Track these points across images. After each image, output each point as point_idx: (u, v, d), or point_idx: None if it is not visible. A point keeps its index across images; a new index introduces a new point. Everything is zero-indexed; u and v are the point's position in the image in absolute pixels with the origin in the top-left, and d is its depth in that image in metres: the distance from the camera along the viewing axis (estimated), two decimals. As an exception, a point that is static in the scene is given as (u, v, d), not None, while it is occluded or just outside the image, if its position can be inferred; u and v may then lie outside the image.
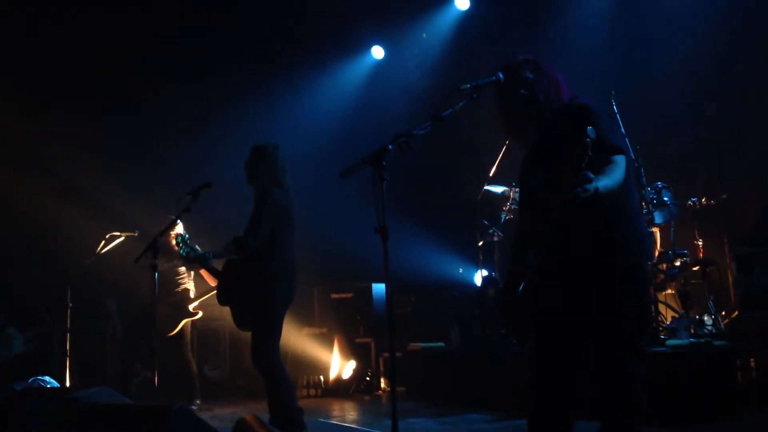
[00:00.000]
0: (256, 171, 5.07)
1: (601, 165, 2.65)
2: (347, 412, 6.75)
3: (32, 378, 5.29)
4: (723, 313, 6.31)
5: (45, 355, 7.75)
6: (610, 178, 2.65)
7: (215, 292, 6.82)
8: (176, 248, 6.71)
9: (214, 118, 9.59)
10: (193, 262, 5.11)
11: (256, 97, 9.59)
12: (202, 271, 6.82)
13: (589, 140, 2.49)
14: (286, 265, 4.95)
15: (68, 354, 7.37)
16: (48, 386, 5.21)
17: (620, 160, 2.74)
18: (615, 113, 6.03)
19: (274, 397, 4.80)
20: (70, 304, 7.35)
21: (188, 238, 4.91)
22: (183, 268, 7.15)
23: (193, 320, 7.15)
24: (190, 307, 7.02)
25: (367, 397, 7.70)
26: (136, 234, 7.42)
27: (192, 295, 7.13)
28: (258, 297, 4.85)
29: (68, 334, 7.41)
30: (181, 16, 8.97)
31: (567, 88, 3.03)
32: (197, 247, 5.03)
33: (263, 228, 4.82)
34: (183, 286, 7.14)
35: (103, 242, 7.40)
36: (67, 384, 7.16)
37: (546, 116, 2.97)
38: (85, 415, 3.76)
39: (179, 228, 6.75)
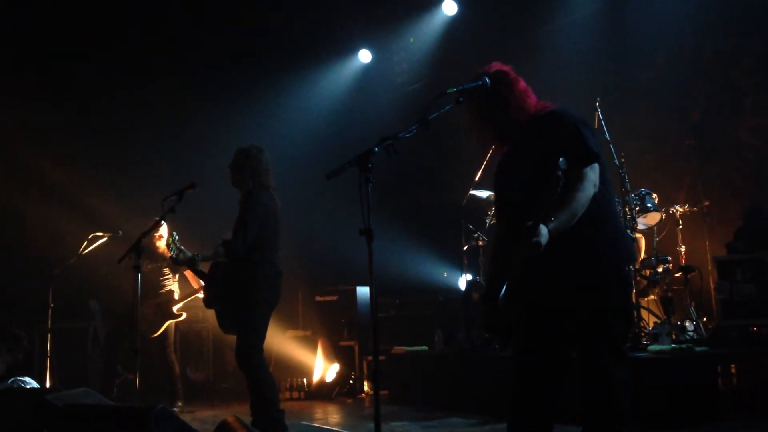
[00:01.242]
0: (241, 173, 5.06)
1: (570, 181, 2.68)
2: (330, 415, 6.74)
3: (12, 378, 5.23)
4: (704, 319, 6.37)
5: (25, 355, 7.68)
6: (569, 209, 2.69)
7: (199, 294, 6.78)
8: (164, 249, 6.68)
9: (200, 120, 9.56)
10: (182, 264, 5.08)
11: (242, 99, 9.58)
12: (187, 273, 6.77)
13: (561, 172, 2.57)
14: (272, 267, 4.96)
15: (49, 354, 7.30)
16: (28, 386, 5.16)
17: (588, 174, 2.77)
18: (600, 120, 6.07)
19: (257, 398, 4.80)
20: (52, 304, 7.28)
21: (177, 240, 4.90)
22: (167, 270, 7.11)
23: (176, 322, 7.12)
24: (174, 309, 6.98)
25: (350, 401, 7.69)
26: (119, 234, 7.37)
27: (176, 296, 7.09)
28: (244, 299, 4.84)
29: (49, 335, 7.34)
30: (167, 15, 8.93)
31: (534, 96, 3.06)
32: (185, 249, 5.00)
33: (250, 231, 4.82)
34: (167, 288, 7.09)
35: (85, 242, 7.34)
36: (48, 385, 7.10)
37: (518, 127, 3.00)
38: (66, 416, 3.73)
39: (163, 229, 6.72)
